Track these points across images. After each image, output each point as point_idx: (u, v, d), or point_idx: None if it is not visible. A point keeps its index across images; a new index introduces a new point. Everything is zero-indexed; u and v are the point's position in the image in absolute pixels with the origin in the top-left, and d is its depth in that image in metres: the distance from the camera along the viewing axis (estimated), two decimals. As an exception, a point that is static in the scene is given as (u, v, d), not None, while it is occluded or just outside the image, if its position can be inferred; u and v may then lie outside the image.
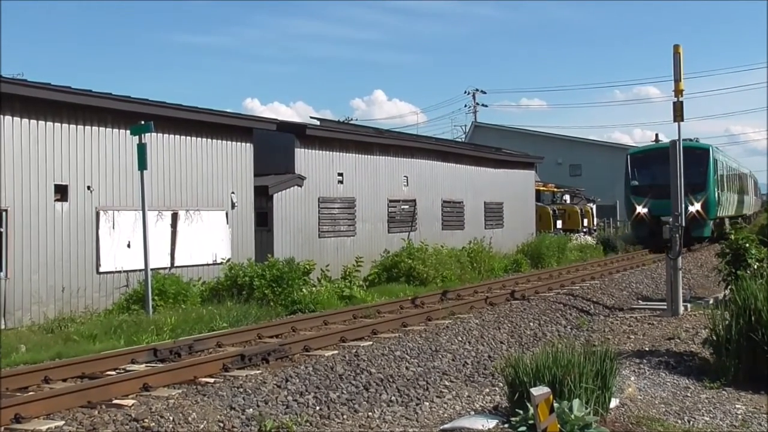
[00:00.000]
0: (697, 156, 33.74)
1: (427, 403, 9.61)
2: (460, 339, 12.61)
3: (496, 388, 10.04)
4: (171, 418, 7.64)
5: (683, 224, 21.79)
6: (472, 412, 8.98)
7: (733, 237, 18.26)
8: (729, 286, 16.10)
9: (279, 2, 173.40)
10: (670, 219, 23.59)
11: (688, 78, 18.65)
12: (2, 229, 16.15)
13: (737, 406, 9.46)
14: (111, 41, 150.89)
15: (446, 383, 10.52)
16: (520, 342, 13.37)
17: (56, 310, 16.38)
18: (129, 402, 8.25)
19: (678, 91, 17.24)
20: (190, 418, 7.70)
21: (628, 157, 36.88)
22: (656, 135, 40.69)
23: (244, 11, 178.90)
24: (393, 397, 9.69)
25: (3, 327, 15.48)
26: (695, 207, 33.12)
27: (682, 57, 17.19)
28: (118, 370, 10.20)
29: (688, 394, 10.01)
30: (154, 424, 7.45)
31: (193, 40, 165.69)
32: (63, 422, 7.54)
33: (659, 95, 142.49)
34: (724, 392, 10.07)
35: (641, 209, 33.92)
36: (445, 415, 9.10)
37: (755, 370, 10.34)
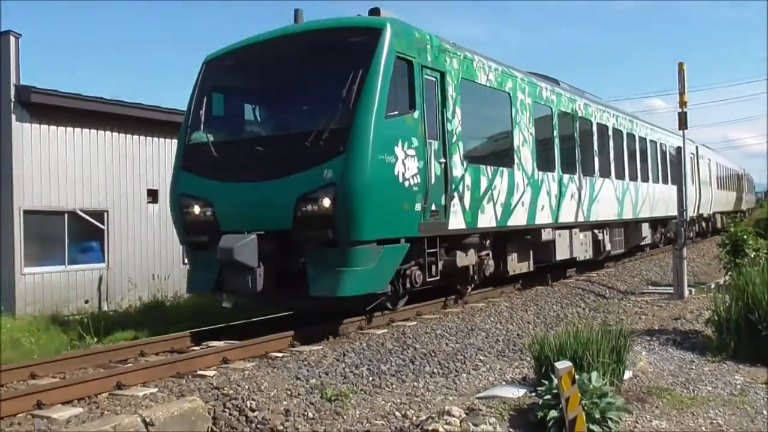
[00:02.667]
0: (329, 51, 10.99)
1: (465, 375, 9.59)
2: (493, 320, 12.55)
3: (524, 362, 9.99)
4: (246, 386, 7.73)
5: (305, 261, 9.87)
6: (504, 383, 8.95)
7: (732, 230, 18.03)
8: (729, 273, 15.90)
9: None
10: (246, 239, 9.65)
11: (690, 91, 17.58)
12: (104, 227, 16.52)
13: (736, 377, 9.32)
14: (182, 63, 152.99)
15: (481, 358, 10.49)
16: (545, 322, 13.26)
17: (149, 295, 16.71)
18: (211, 373, 8.37)
19: (682, 103, 17.11)
20: (262, 387, 7.78)
21: (203, 68, 12.01)
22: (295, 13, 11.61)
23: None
24: (435, 369, 9.69)
25: (105, 309, 15.82)
26: (315, 205, 9.82)
27: (686, 73, 17.02)
28: (201, 346, 10.34)
29: (693, 367, 9.88)
30: (232, 391, 7.55)
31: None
32: (156, 389, 7.69)
33: (665, 106, 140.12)
34: (724, 365, 9.92)
35: (197, 207, 10.93)
36: (480, 385, 9.08)
37: (752, 346, 10.18)
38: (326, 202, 9.67)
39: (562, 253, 16.02)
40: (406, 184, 10.37)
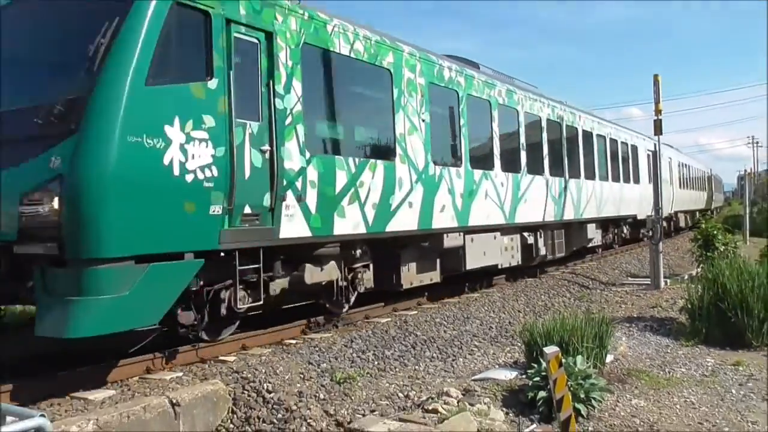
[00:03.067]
0: None
1: (461, 359, 9.58)
2: (486, 309, 12.53)
3: (516, 348, 9.98)
4: (263, 370, 7.73)
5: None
6: (497, 366, 8.94)
7: (703, 226, 18.08)
8: (701, 265, 15.90)
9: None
10: None
11: (665, 100, 17.46)
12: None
13: (708, 359, 9.30)
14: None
15: (476, 343, 10.48)
16: (534, 311, 13.24)
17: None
18: (231, 358, 8.36)
19: (657, 111, 17.12)
20: (278, 371, 7.78)
21: None
22: None
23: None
24: (434, 354, 9.68)
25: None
26: (38, 207, 6.37)
27: (660, 84, 17.05)
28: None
29: (669, 351, 9.86)
30: (250, 375, 7.54)
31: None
32: (182, 373, 7.68)
33: (641, 115, 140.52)
34: (697, 349, 9.91)
35: None
36: (476, 368, 9.07)
37: (722, 331, 10.16)
38: (53, 203, 6.30)
39: (475, 261, 12.64)
40: (189, 177, 7.03)
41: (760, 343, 9.77)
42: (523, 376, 7.66)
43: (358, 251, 10.14)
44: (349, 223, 9.37)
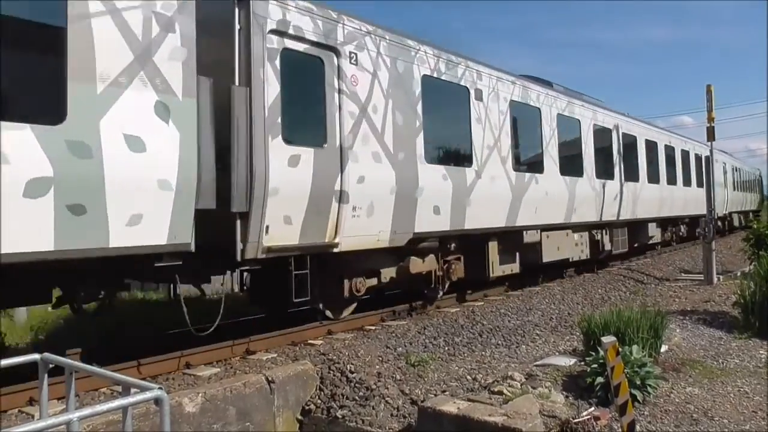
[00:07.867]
0: None
1: (524, 346, 9.40)
2: (547, 301, 12.26)
3: (574, 337, 9.70)
4: (346, 353, 7.80)
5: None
6: (557, 354, 8.71)
7: (755, 226, 17.20)
8: (753, 263, 15.06)
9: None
10: None
11: (716, 108, 16.66)
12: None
13: (761, 351, 8.78)
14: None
15: (537, 332, 10.26)
16: (592, 303, 12.85)
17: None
18: (318, 342, 8.49)
19: (710, 119, 16.44)
20: (359, 354, 7.83)
21: None
22: None
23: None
24: (499, 342, 9.53)
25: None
26: None
27: (713, 94, 16.32)
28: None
29: (722, 343, 9.36)
30: (335, 357, 7.62)
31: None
32: (276, 354, 7.85)
33: (692, 123, 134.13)
34: (750, 342, 9.36)
35: None
36: (537, 354, 8.87)
37: (775, 325, 9.58)
38: None
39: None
40: None
41: (813, 337, 9.15)
42: (582, 363, 7.42)
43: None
44: None
